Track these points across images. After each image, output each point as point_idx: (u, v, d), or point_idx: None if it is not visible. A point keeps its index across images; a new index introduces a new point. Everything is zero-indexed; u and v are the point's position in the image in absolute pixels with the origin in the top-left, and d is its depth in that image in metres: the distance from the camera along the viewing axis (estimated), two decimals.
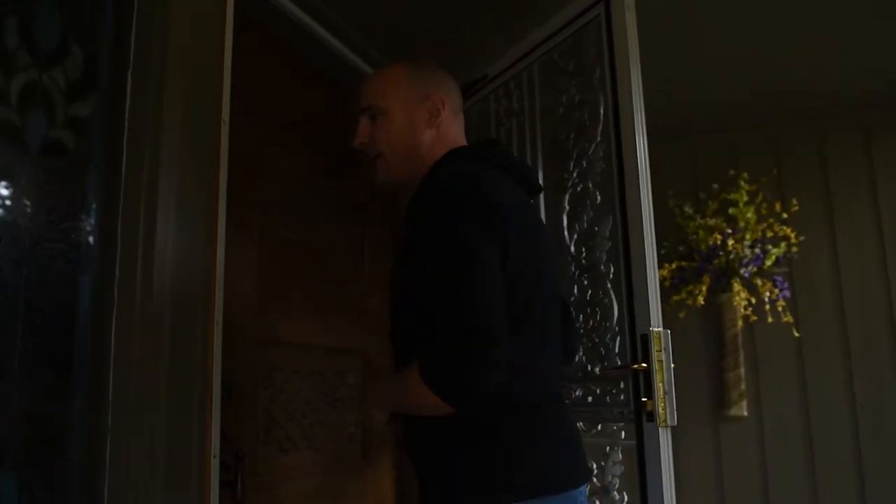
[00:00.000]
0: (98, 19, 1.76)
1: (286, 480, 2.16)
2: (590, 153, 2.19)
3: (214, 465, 1.75)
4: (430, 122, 1.55)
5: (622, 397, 1.99)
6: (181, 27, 1.81)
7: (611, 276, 2.06)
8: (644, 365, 1.87)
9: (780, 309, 3.51)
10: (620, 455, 1.98)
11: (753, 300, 3.56)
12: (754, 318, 3.56)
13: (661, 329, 1.88)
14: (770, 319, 3.51)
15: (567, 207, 2.27)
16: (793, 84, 3.38)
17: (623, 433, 1.98)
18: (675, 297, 3.63)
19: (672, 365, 1.85)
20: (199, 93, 1.86)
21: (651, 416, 1.84)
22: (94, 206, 1.70)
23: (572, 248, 2.23)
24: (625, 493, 1.98)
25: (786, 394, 3.62)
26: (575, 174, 2.24)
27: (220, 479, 1.74)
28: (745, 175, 3.66)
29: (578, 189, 2.23)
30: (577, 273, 2.18)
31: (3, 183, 1.50)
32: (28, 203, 1.55)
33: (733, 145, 3.88)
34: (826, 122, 3.74)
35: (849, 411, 3.51)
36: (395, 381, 1.44)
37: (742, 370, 3.62)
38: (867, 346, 3.54)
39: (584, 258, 2.17)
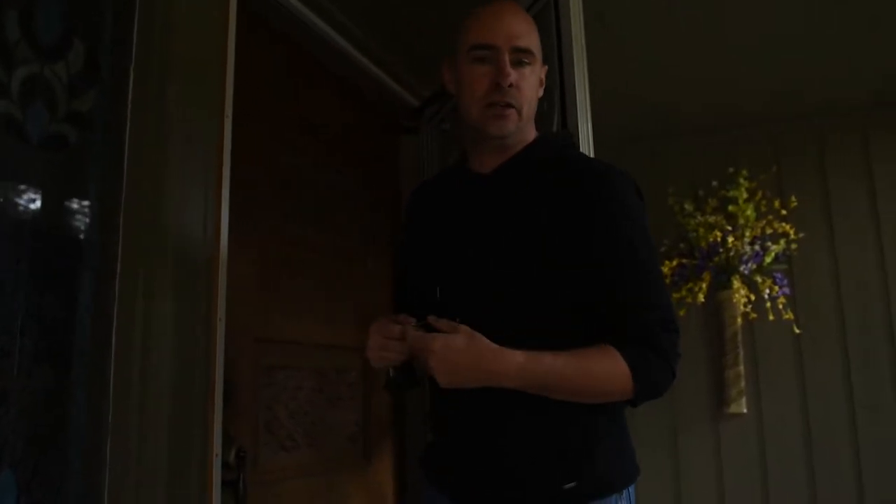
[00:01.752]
0: (100, 13, 1.73)
1: (287, 479, 2.15)
2: None
3: (216, 464, 1.73)
4: (540, 90, 1.42)
5: None
6: (184, 22, 1.80)
7: None
8: None
9: (780, 306, 3.50)
10: None
11: (753, 297, 3.55)
12: (754, 315, 3.56)
13: None
14: (771, 317, 3.50)
15: None
16: (792, 83, 3.37)
17: None
18: (676, 295, 3.62)
19: None
20: (202, 87, 1.84)
21: None
22: (95, 201, 1.68)
23: None
24: None
25: (785, 391, 3.62)
26: None
27: (221, 478, 1.72)
28: (745, 172, 3.65)
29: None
30: None
31: (4, 177, 1.47)
32: (28, 197, 1.53)
33: (732, 143, 3.86)
34: (824, 120, 3.74)
35: (847, 408, 3.51)
36: (551, 358, 1.21)
37: (742, 367, 3.61)
38: (866, 343, 3.54)
39: None
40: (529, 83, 1.34)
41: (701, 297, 3.56)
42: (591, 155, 1.87)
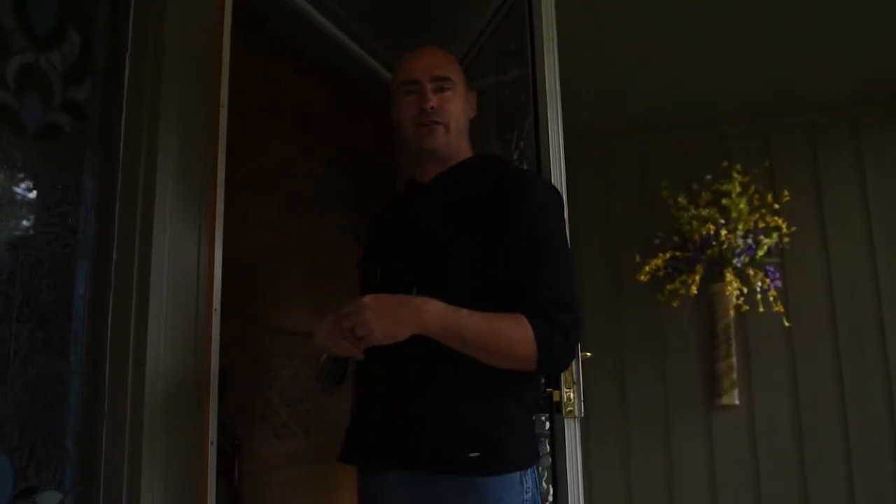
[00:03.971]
0: (96, 3, 1.74)
1: (281, 467, 2.16)
2: (524, 132, 2.13)
3: (212, 451, 1.75)
4: (470, 112, 1.66)
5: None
6: (179, 12, 1.79)
7: None
8: None
9: (771, 299, 3.53)
10: (548, 446, 1.86)
11: (745, 290, 3.57)
12: (746, 307, 3.58)
13: None
14: (762, 309, 3.52)
15: None
16: (784, 78, 3.39)
17: (547, 424, 1.88)
18: (669, 287, 3.64)
19: (587, 354, 1.77)
20: (197, 77, 1.85)
21: (558, 407, 1.75)
22: (90, 189, 1.69)
23: None
24: (550, 486, 1.87)
25: (776, 382, 3.64)
26: (516, 155, 2.20)
27: (217, 466, 1.74)
28: (738, 166, 3.67)
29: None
30: None
31: (1, 166, 1.48)
32: (24, 186, 1.54)
33: (726, 137, 3.88)
34: (816, 115, 3.75)
35: (837, 399, 3.54)
36: (467, 312, 1.37)
37: (734, 359, 3.63)
38: (855, 335, 3.57)
39: None
40: (453, 104, 1.58)
41: (694, 290, 3.58)
42: (560, 145, 1.90)
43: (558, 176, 1.89)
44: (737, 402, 3.63)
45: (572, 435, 1.75)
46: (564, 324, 1.37)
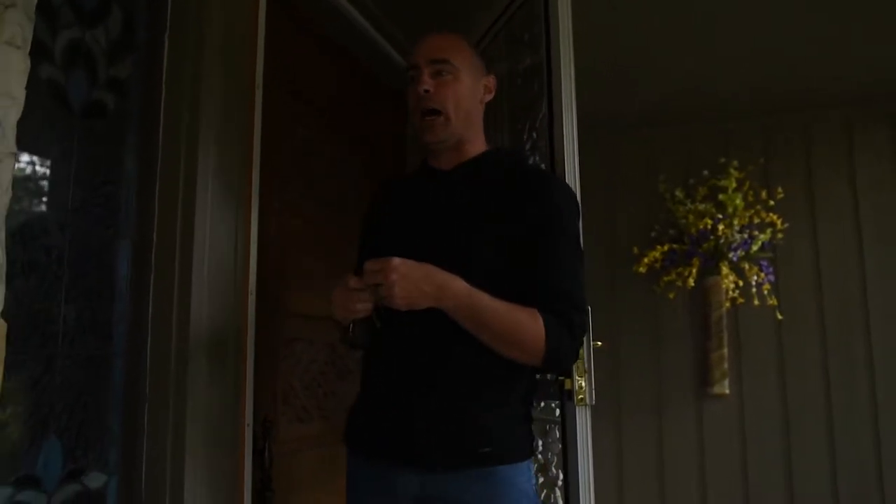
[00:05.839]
0: None
1: (303, 450, 2.17)
2: (536, 125, 2.11)
3: (248, 433, 1.76)
4: (483, 98, 1.58)
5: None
6: None
7: None
8: None
9: (765, 292, 3.60)
10: (558, 433, 1.89)
11: (741, 283, 3.64)
12: (741, 300, 3.65)
13: None
14: (756, 302, 3.60)
15: None
16: (781, 78, 3.44)
17: (557, 411, 1.89)
18: (666, 279, 3.70)
19: (598, 343, 1.78)
20: (235, 58, 1.84)
21: (570, 395, 1.76)
22: (132, 169, 1.67)
23: None
24: (560, 471, 1.90)
25: (765, 373, 3.72)
26: (528, 145, 2.17)
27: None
28: (735, 163, 3.73)
29: (530, 162, 2.13)
30: None
31: (49, 144, 1.46)
32: (72, 165, 1.52)
33: (723, 134, 3.93)
34: (811, 114, 3.81)
35: (823, 391, 3.62)
36: (488, 297, 1.38)
37: (725, 350, 3.71)
38: (843, 330, 3.64)
39: None
40: (451, 89, 1.49)
41: (691, 282, 3.64)
42: (574, 138, 1.90)
43: (572, 168, 1.88)
44: (727, 391, 3.70)
45: (583, 422, 1.77)
46: (573, 323, 1.41)
